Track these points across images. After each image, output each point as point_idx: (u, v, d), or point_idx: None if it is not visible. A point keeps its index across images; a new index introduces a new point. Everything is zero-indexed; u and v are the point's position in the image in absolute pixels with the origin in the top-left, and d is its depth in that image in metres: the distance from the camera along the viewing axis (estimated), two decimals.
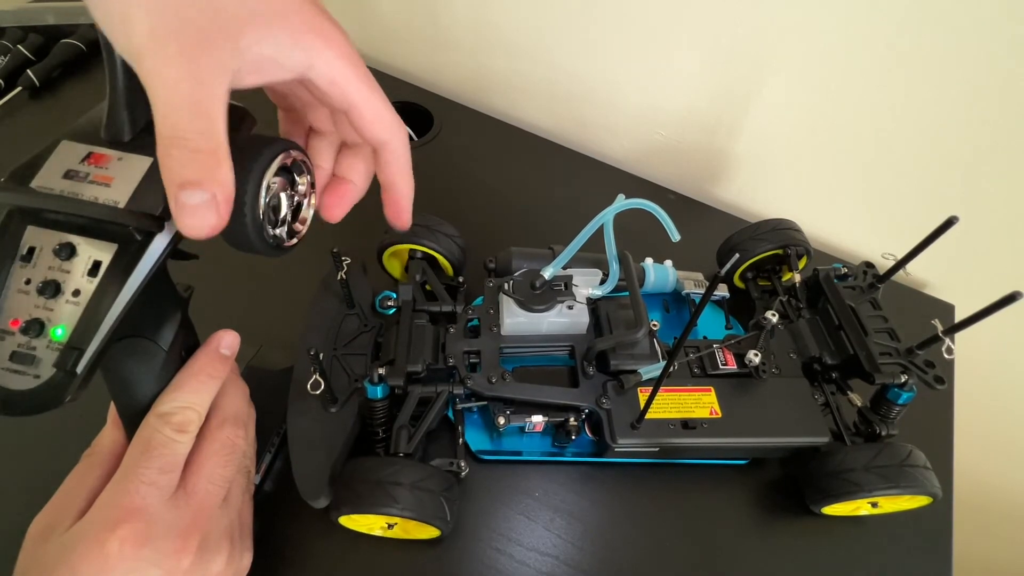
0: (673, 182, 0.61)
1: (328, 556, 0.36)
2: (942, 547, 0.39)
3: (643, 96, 0.58)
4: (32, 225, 0.23)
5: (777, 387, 0.38)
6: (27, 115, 0.61)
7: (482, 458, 0.40)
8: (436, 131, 0.63)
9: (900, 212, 0.53)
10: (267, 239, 0.26)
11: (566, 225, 0.41)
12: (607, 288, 0.40)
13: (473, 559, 0.37)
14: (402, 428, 0.36)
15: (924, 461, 0.35)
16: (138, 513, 0.25)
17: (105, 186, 0.23)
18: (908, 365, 0.36)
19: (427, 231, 0.43)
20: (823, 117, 0.50)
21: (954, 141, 0.47)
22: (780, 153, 0.55)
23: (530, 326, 0.39)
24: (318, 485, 0.34)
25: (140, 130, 0.24)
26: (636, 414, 0.36)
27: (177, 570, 0.26)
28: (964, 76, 0.43)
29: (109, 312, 0.22)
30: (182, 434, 0.27)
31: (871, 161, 0.51)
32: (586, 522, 0.38)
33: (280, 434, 0.39)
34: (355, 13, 0.69)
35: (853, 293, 0.41)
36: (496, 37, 0.61)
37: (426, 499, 0.33)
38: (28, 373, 0.22)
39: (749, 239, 0.46)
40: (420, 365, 0.37)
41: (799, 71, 0.49)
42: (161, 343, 0.27)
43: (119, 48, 0.21)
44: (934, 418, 0.44)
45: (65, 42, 0.65)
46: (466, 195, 0.58)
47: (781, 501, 0.40)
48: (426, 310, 0.41)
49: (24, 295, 0.23)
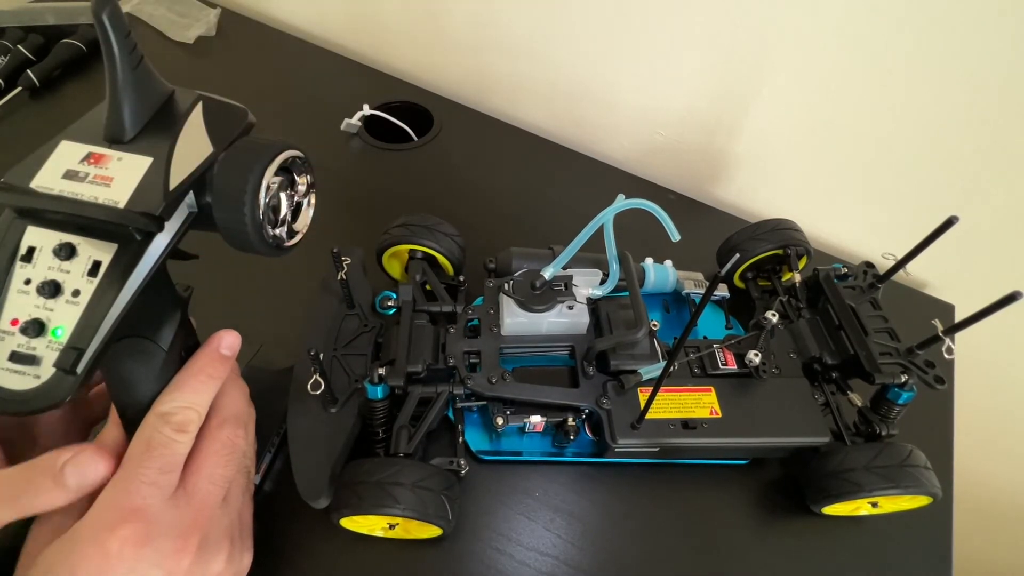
0: (673, 182, 0.61)
1: (328, 555, 0.36)
2: (942, 547, 0.39)
3: (643, 96, 0.58)
4: (32, 225, 0.23)
5: (777, 387, 0.38)
6: (27, 115, 0.61)
7: (482, 458, 0.40)
8: (436, 131, 0.63)
9: (900, 212, 0.53)
10: (267, 239, 0.26)
11: (566, 225, 0.40)
12: (607, 288, 0.40)
13: (473, 559, 0.37)
14: (402, 428, 0.36)
15: (924, 461, 0.35)
16: (138, 513, 0.25)
17: (105, 186, 0.23)
18: (908, 365, 0.36)
19: (427, 231, 0.43)
20: (823, 117, 0.50)
21: (954, 141, 0.47)
22: (780, 153, 0.55)
23: (530, 326, 0.39)
24: (318, 485, 0.34)
25: (140, 130, 0.24)
26: (636, 414, 0.36)
27: (177, 570, 0.26)
28: (964, 76, 0.43)
29: (109, 312, 0.22)
30: (182, 434, 0.27)
31: (871, 161, 0.51)
32: (586, 522, 0.38)
33: (280, 434, 0.39)
34: (355, 13, 0.69)
35: (853, 293, 0.41)
36: (496, 37, 0.61)
37: (427, 498, 0.33)
38: (28, 373, 0.22)
39: (749, 239, 0.46)
40: (420, 365, 0.37)
41: (799, 71, 0.49)
42: (161, 343, 0.27)
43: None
44: (934, 418, 0.44)
45: (65, 42, 0.65)
46: (466, 195, 0.58)
47: (781, 501, 0.40)
48: (426, 310, 0.41)
49: (24, 295, 0.23)
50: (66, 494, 0.25)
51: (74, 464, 0.24)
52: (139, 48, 0.23)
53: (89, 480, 0.25)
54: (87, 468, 0.24)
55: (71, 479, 0.24)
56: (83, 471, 0.24)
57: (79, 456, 0.24)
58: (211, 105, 0.26)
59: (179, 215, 0.25)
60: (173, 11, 0.72)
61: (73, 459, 0.24)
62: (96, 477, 0.25)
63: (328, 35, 0.74)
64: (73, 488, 0.24)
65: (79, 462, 0.24)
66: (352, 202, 0.56)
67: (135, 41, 0.23)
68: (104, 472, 0.25)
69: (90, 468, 0.25)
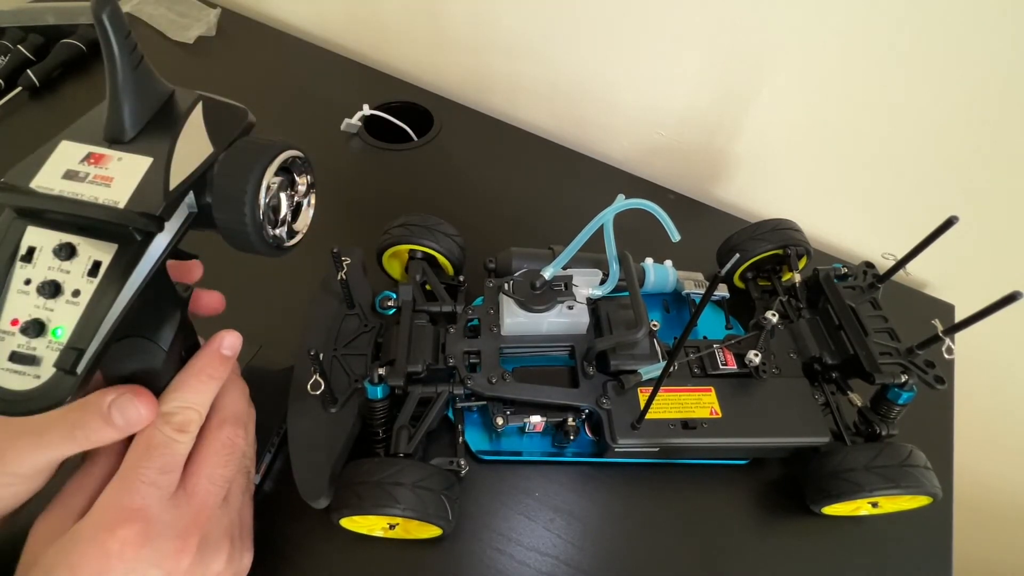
0: (673, 182, 0.61)
1: (328, 555, 0.36)
2: (942, 547, 0.39)
3: (643, 96, 0.58)
4: (32, 225, 0.23)
5: (777, 387, 0.38)
6: (27, 115, 0.61)
7: (482, 458, 0.40)
8: (436, 131, 0.63)
9: (900, 212, 0.53)
10: (267, 239, 0.26)
11: (566, 225, 0.40)
12: (607, 288, 0.40)
13: (473, 559, 0.37)
14: (402, 428, 0.36)
15: (924, 461, 0.35)
16: (138, 513, 0.25)
17: (105, 186, 0.23)
18: (908, 365, 0.36)
19: (427, 231, 0.43)
20: (823, 117, 0.50)
21: (954, 141, 0.47)
22: (780, 153, 0.55)
23: (530, 326, 0.39)
24: (318, 485, 0.34)
25: (140, 130, 0.24)
26: (636, 414, 0.36)
27: (177, 570, 0.26)
28: (964, 76, 0.43)
29: (109, 312, 0.22)
30: (182, 434, 0.27)
31: (871, 161, 0.51)
32: (586, 522, 0.38)
33: (280, 434, 0.39)
34: (355, 13, 0.69)
35: (853, 293, 0.41)
36: (496, 37, 0.61)
37: (428, 498, 0.33)
38: (28, 373, 0.22)
39: (749, 239, 0.46)
40: (420, 365, 0.37)
41: (799, 71, 0.49)
42: (161, 343, 0.27)
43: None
44: (934, 418, 0.44)
45: (65, 42, 0.65)
46: (466, 195, 0.58)
47: (781, 501, 0.40)
48: (426, 310, 0.41)
49: (24, 295, 0.23)
50: (115, 431, 0.26)
51: (118, 406, 0.26)
52: (139, 48, 0.23)
53: (132, 419, 0.26)
54: (129, 409, 0.26)
55: (117, 418, 0.26)
56: (126, 411, 0.26)
57: (121, 398, 0.26)
58: (211, 105, 0.26)
59: (179, 215, 0.25)
60: (173, 11, 0.72)
61: (117, 399, 0.26)
62: (138, 417, 0.26)
63: (328, 35, 0.74)
64: (121, 426, 0.26)
65: (122, 404, 0.26)
66: (352, 202, 0.56)
67: (135, 41, 0.23)
68: (145, 414, 0.26)
69: (131, 409, 0.26)
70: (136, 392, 0.26)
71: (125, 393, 0.26)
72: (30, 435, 0.26)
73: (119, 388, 0.26)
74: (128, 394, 0.26)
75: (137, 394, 0.26)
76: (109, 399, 0.26)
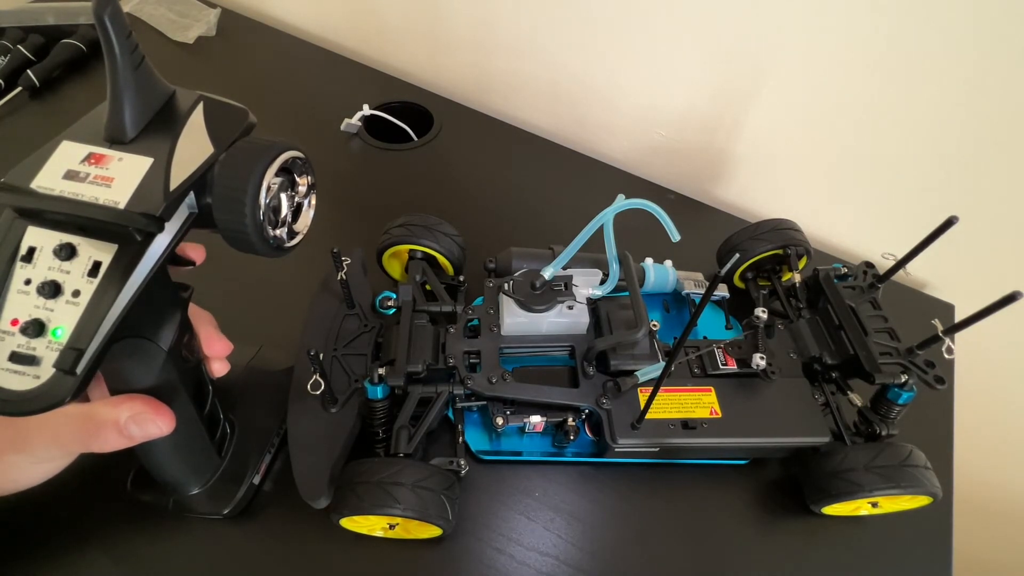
0: (673, 182, 0.61)
1: (328, 555, 0.36)
2: (942, 547, 0.39)
3: (643, 96, 0.58)
4: (32, 225, 0.23)
5: (777, 387, 0.38)
6: (27, 115, 0.61)
7: (482, 458, 0.40)
8: (436, 131, 0.63)
9: (900, 212, 0.53)
10: (267, 240, 0.26)
11: (566, 225, 0.41)
12: (607, 288, 0.40)
13: (473, 559, 0.37)
14: (402, 428, 0.36)
15: (924, 461, 0.35)
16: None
17: (105, 186, 0.23)
18: (908, 365, 0.36)
19: (427, 231, 0.43)
20: (823, 117, 0.50)
21: (954, 141, 0.47)
22: (780, 153, 0.55)
23: (530, 326, 0.39)
24: (318, 486, 0.34)
25: (141, 130, 0.24)
26: (636, 414, 0.36)
27: None
28: (964, 76, 0.43)
29: (109, 312, 0.22)
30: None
31: (871, 161, 0.51)
32: (586, 522, 0.38)
33: (280, 434, 0.39)
34: (355, 13, 0.69)
35: (853, 293, 0.41)
36: (496, 37, 0.61)
37: (428, 498, 0.33)
38: (28, 373, 0.22)
39: (749, 239, 0.46)
40: (420, 365, 0.37)
41: (799, 71, 0.49)
42: (161, 343, 0.27)
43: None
44: (934, 418, 0.44)
45: (65, 42, 0.65)
46: (466, 195, 0.58)
47: (781, 501, 0.40)
48: (426, 310, 0.41)
49: (24, 295, 0.23)
50: (131, 441, 0.27)
51: (137, 421, 0.27)
52: (140, 48, 0.23)
53: (151, 434, 0.28)
54: (148, 425, 0.27)
55: (136, 432, 0.27)
56: (145, 427, 0.27)
57: (139, 415, 0.27)
58: (212, 105, 0.26)
59: (179, 215, 0.25)
60: (173, 11, 0.72)
61: (135, 416, 0.27)
62: (157, 432, 0.28)
63: (328, 35, 0.74)
64: (138, 438, 0.28)
65: (141, 420, 0.27)
66: (352, 202, 0.56)
67: (136, 41, 0.23)
68: (164, 428, 0.28)
69: (151, 426, 0.27)
70: (154, 408, 0.27)
71: (144, 411, 0.27)
72: (48, 429, 0.28)
73: (134, 400, 0.27)
74: (148, 412, 0.27)
75: (155, 409, 0.27)
76: (126, 415, 0.27)
